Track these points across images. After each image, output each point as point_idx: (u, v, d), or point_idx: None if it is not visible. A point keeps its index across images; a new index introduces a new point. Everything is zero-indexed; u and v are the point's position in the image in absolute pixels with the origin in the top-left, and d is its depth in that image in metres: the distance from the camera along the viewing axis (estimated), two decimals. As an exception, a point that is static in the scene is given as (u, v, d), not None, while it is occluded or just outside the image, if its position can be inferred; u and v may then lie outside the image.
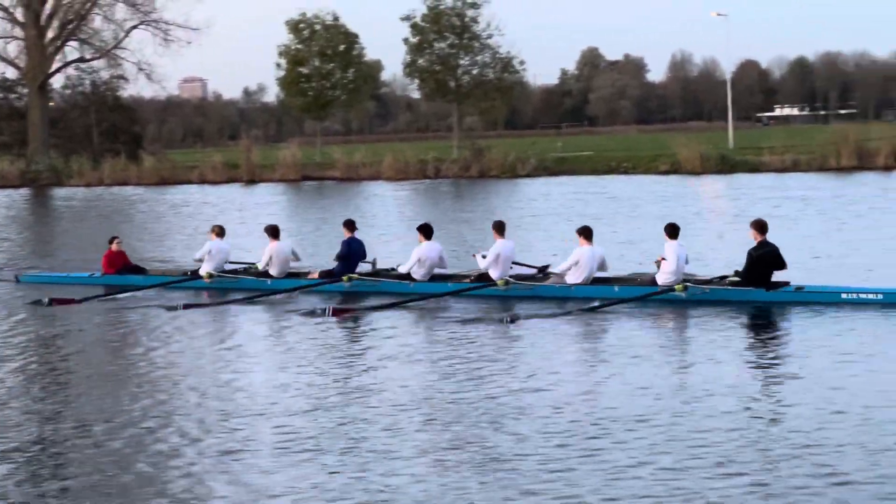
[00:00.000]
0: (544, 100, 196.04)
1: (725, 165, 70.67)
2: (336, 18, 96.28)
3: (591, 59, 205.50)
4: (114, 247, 27.09)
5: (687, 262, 22.10)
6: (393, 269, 24.35)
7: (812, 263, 25.65)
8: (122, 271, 26.84)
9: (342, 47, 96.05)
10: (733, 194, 52.90)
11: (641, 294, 21.46)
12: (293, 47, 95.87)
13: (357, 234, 25.36)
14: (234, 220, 44.58)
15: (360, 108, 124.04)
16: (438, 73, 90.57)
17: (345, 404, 14.28)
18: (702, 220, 39.01)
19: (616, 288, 21.99)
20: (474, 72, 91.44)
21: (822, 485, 10.63)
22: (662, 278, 21.72)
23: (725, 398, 13.90)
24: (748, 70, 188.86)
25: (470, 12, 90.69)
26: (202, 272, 25.75)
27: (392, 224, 41.91)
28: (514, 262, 23.48)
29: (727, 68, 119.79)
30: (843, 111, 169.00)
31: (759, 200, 47.35)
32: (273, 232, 25.53)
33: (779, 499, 10.31)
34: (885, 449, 11.63)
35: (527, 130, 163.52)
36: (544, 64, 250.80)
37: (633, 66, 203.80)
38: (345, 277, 24.02)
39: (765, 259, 20.99)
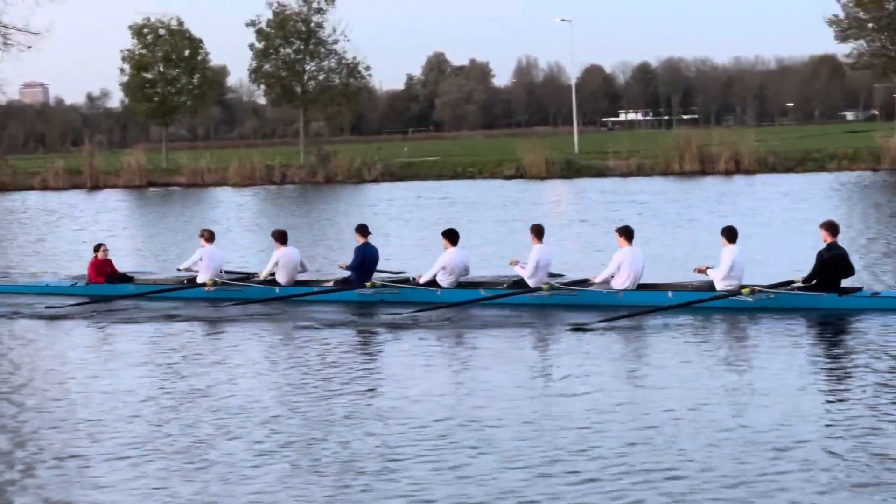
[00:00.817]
0: (391, 105, 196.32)
1: (571, 170, 71.52)
2: (180, 23, 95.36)
3: (437, 65, 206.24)
4: (100, 255, 25.43)
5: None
6: (413, 279, 22.94)
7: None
8: (111, 280, 25.22)
9: (187, 52, 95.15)
10: (577, 198, 53.54)
11: (705, 298, 20.08)
12: (137, 52, 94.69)
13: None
14: (74, 227, 43.93)
15: (206, 113, 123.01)
16: (284, 78, 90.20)
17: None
18: (547, 223, 39.32)
19: (670, 293, 20.61)
20: (320, 77, 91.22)
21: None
22: (721, 283, 20.41)
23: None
24: (593, 75, 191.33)
25: (316, 18, 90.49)
26: (200, 280, 24.15)
27: (235, 229, 41.60)
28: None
29: (572, 73, 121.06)
30: (685, 116, 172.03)
31: (602, 204, 48.04)
32: (281, 237, 24.09)
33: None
34: None
35: (373, 136, 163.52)
36: (391, 69, 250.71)
37: (479, 71, 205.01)
38: (368, 283, 22.68)
39: (835, 262, 19.71)
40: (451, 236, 22.64)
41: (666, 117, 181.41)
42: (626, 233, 21.27)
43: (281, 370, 16.66)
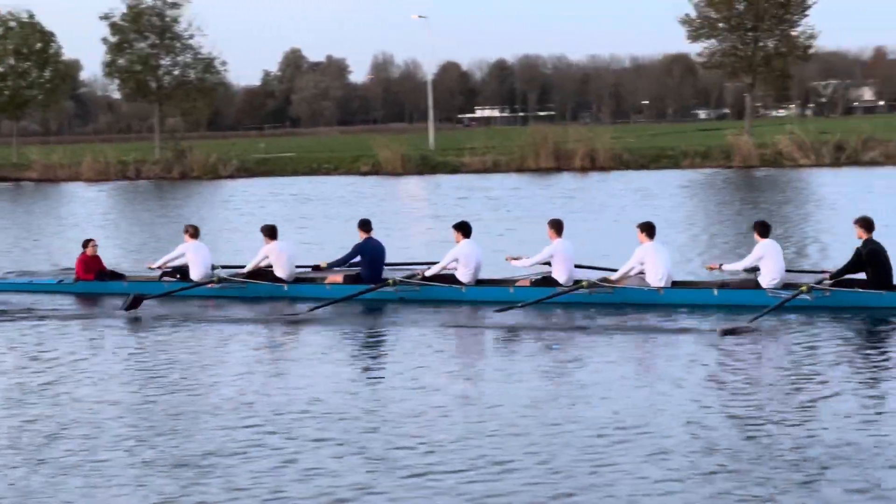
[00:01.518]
0: (247, 101, 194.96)
1: (426, 166, 71.71)
2: (31, 16, 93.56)
3: (293, 61, 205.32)
4: (89, 251, 24.27)
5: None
6: (415, 275, 21.76)
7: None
8: (100, 277, 24.05)
9: (38, 46, 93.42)
10: (431, 195, 53.70)
11: (788, 298, 18.85)
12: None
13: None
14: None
15: (59, 107, 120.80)
16: (139, 73, 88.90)
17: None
18: (401, 218, 39.42)
19: (715, 291, 19.85)
20: (176, 72, 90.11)
21: None
22: (766, 280, 19.58)
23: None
24: (449, 72, 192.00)
25: (171, 12, 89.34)
26: (194, 277, 23.00)
27: (83, 224, 40.98)
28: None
29: (428, 70, 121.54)
30: (541, 113, 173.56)
31: (457, 200, 48.27)
32: (270, 232, 22.93)
33: None
34: None
35: (229, 132, 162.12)
36: (247, 65, 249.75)
37: (336, 68, 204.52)
38: (390, 280, 21.41)
39: (875, 257, 18.90)
40: (464, 229, 21.64)
41: (522, 114, 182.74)
42: (648, 229, 20.26)
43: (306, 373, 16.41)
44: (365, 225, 22.55)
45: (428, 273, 21.56)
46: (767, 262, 19.60)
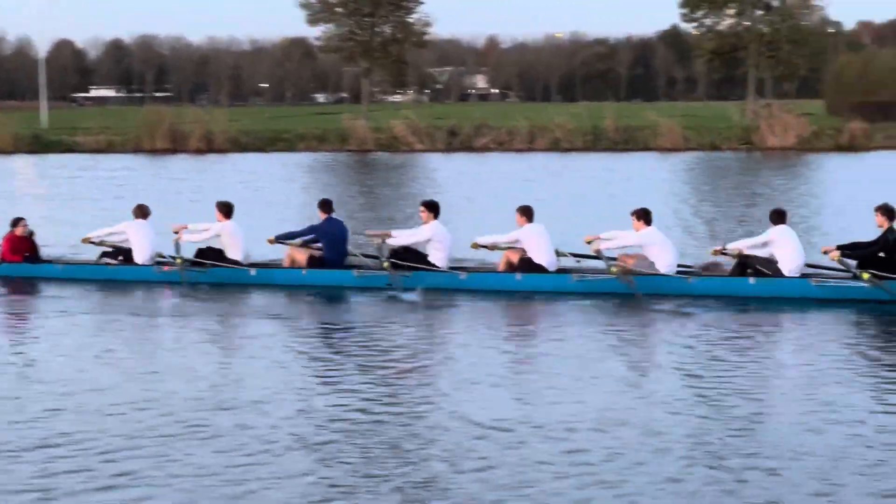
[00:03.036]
0: None
1: (39, 145, 69.57)
2: None
3: None
4: (18, 230, 21.87)
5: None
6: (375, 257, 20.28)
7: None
8: (30, 260, 21.72)
9: None
10: (45, 174, 52.22)
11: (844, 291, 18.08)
12: None
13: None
14: None
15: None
16: None
17: None
18: (14, 200, 38.06)
19: (752, 280, 18.61)
20: None
21: None
22: (787, 268, 18.64)
23: None
24: (63, 50, 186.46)
25: None
26: (140, 261, 20.99)
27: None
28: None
29: (41, 48, 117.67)
30: (159, 94, 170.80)
31: (67, 180, 47.22)
32: (226, 209, 20.94)
33: None
34: None
35: None
36: None
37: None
38: (385, 263, 19.74)
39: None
40: (433, 207, 20.24)
41: (139, 95, 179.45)
42: (646, 216, 19.15)
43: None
44: (326, 205, 20.84)
45: (396, 242, 20.03)
46: (791, 249, 18.82)
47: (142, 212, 21.47)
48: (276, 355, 14.88)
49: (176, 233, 20.93)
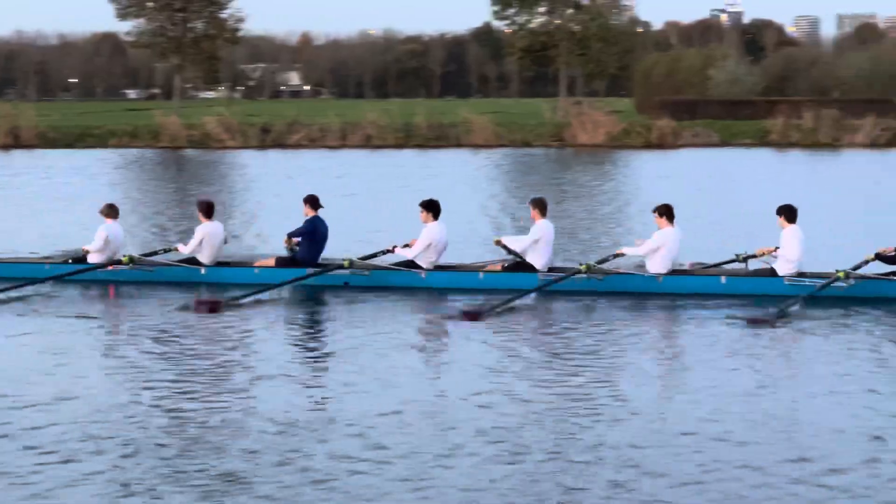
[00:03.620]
0: None
1: None
2: None
3: None
4: None
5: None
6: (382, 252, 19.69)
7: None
8: None
9: None
10: None
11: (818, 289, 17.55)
12: None
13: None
14: None
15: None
16: None
17: None
18: None
19: (723, 279, 18.39)
20: None
21: None
22: (785, 268, 18.13)
23: None
24: None
25: None
26: (97, 260, 19.90)
27: None
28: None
29: None
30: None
31: None
32: (207, 209, 20.13)
33: None
34: None
35: None
36: None
37: None
38: (345, 262, 19.02)
39: None
40: (434, 208, 19.39)
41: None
42: (668, 212, 18.65)
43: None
44: (314, 201, 19.92)
45: (410, 253, 19.25)
46: (794, 248, 18.23)
47: (113, 211, 20.65)
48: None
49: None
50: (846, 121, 66.15)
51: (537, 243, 18.79)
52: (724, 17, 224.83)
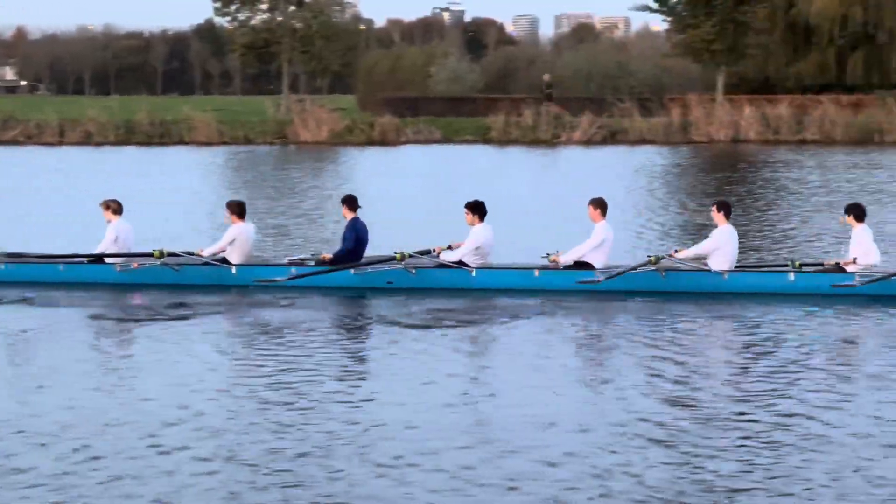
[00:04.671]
0: None
1: None
2: None
3: None
4: None
5: None
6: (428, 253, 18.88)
7: None
8: None
9: None
10: None
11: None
12: None
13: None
14: None
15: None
16: None
17: None
18: None
19: (792, 276, 17.86)
20: None
21: None
22: (856, 267, 17.68)
23: None
24: None
25: None
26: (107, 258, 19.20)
27: None
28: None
29: None
30: None
31: None
32: (239, 209, 19.20)
33: None
34: None
35: None
36: None
37: None
38: (398, 255, 18.40)
39: None
40: (480, 210, 18.78)
41: None
42: (726, 209, 18.39)
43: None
44: (353, 202, 19.27)
45: (452, 257, 18.69)
46: (868, 248, 17.96)
47: (118, 207, 19.66)
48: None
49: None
50: (565, 118, 67.95)
51: (602, 245, 18.51)
52: (446, 16, 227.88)
